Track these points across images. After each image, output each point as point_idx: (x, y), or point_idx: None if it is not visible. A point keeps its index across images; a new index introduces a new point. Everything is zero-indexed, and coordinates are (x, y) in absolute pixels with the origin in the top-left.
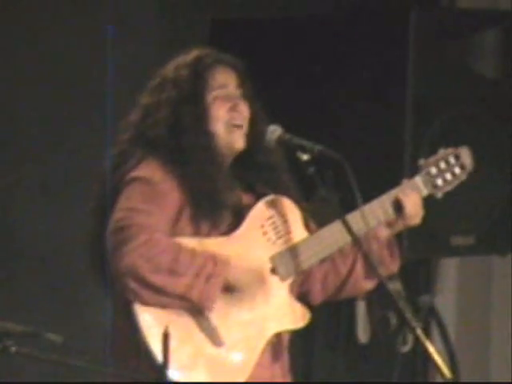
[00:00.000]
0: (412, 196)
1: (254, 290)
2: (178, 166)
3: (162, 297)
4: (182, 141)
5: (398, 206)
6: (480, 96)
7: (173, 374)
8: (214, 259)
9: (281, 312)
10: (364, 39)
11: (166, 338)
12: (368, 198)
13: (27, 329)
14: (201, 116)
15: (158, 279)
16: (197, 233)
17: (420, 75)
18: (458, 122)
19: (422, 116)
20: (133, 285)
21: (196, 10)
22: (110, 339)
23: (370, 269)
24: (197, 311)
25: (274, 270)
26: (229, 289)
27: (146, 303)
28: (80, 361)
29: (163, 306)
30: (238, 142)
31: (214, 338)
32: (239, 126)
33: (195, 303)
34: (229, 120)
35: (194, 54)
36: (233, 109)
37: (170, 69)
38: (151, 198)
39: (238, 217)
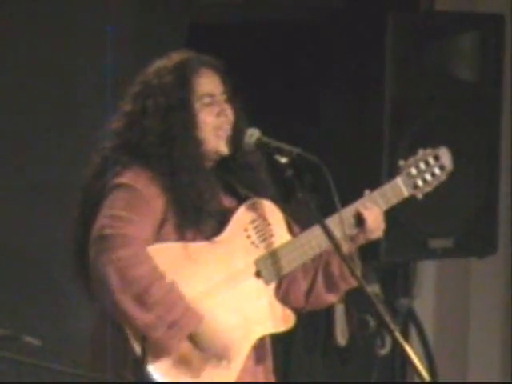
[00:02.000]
0: (373, 209)
1: (217, 358)
2: (165, 173)
3: (122, 319)
4: (171, 149)
5: (359, 220)
6: (457, 98)
7: (157, 380)
8: (185, 306)
9: (265, 315)
10: (341, 42)
11: (144, 341)
12: (346, 200)
13: (5, 332)
14: (190, 123)
15: (122, 301)
16: (182, 239)
17: (398, 78)
18: (435, 124)
19: (399, 118)
20: (103, 296)
21: (173, 14)
22: (94, 344)
23: (331, 283)
24: None
25: (258, 274)
26: (192, 340)
27: (112, 317)
28: (59, 364)
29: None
30: (222, 146)
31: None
32: (226, 131)
33: (152, 343)
34: (217, 126)
35: (175, 58)
36: (220, 114)
37: (151, 74)
38: (134, 205)
39: (221, 220)
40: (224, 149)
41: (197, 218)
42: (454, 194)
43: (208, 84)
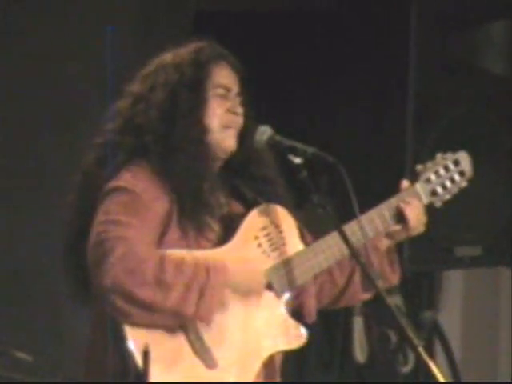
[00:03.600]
0: (414, 204)
1: (255, 298)
2: (165, 160)
3: (152, 314)
4: (171, 128)
5: (400, 216)
6: (487, 94)
7: None
8: (206, 266)
9: (277, 331)
10: (361, 33)
11: (146, 356)
12: (365, 204)
13: None
14: (199, 106)
15: (145, 294)
16: (184, 238)
17: (422, 71)
18: (462, 122)
19: (424, 115)
20: (120, 303)
21: (179, 1)
22: (90, 360)
23: (369, 281)
24: (189, 331)
25: (269, 286)
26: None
27: (136, 323)
28: (52, 381)
29: (155, 325)
30: (230, 141)
31: (206, 359)
32: (234, 131)
33: (191, 318)
34: (225, 121)
35: (195, 44)
36: (231, 111)
37: (168, 56)
38: (132, 210)
39: (228, 226)
40: (231, 144)
41: (195, 206)
42: (482, 198)
43: (226, 77)
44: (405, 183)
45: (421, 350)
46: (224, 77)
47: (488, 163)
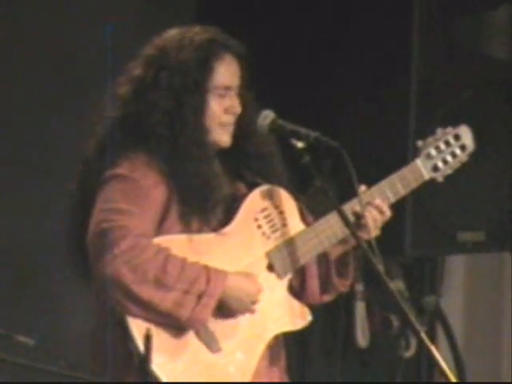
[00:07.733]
0: (371, 211)
1: (252, 306)
2: (166, 158)
3: (147, 312)
4: (178, 132)
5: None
6: (491, 79)
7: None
8: (207, 273)
9: (280, 312)
10: (364, 17)
11: (147, 339)
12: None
13: None
14: (201, 109)
15: (143, 291)
16: (187, 230)
17: (425, 56)
18: (466, 107)
19: (427, 100)
20: (117, 295)
21: None
22: (94, 344)
23: (325, 285)
24: None
25: (270, 267)
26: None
27: (132, 315)
28: (53, 366)
29: (149, 321)
30: (226, 138)
31: (210, 343)
32: (230, 128)
33: (182, 323)
34: (222, 121)
35: (200, 35)
36: (229, 110)
37: (172, 44)
38: (132, 197)
39: (230, 209)
40: (226, 142)
41: (202, 206)
42: (485, 183)
43: (227, 75)
44: (362, 187)
45: (423, 335)
46: (226, 75)
47: (492, 148)
